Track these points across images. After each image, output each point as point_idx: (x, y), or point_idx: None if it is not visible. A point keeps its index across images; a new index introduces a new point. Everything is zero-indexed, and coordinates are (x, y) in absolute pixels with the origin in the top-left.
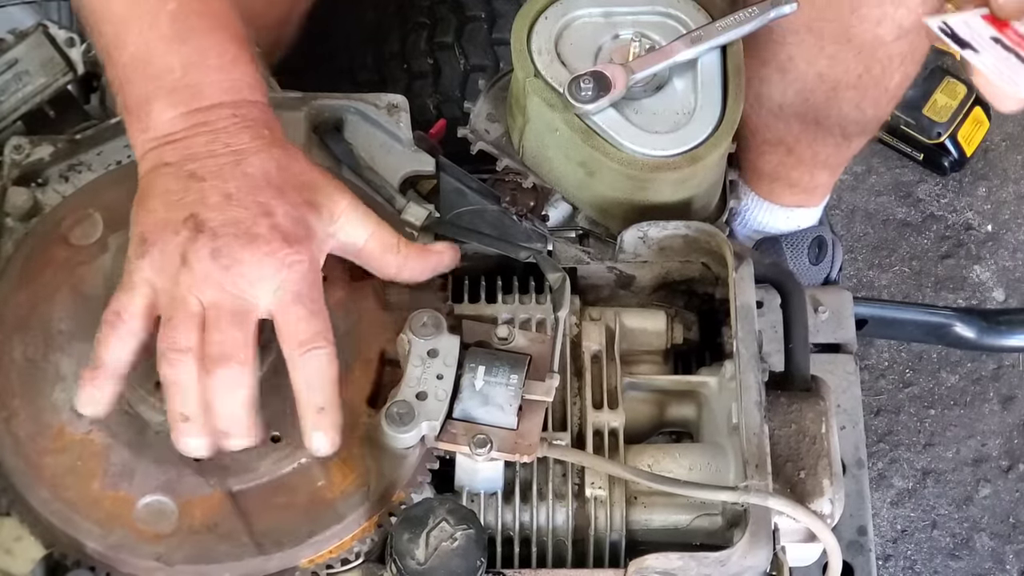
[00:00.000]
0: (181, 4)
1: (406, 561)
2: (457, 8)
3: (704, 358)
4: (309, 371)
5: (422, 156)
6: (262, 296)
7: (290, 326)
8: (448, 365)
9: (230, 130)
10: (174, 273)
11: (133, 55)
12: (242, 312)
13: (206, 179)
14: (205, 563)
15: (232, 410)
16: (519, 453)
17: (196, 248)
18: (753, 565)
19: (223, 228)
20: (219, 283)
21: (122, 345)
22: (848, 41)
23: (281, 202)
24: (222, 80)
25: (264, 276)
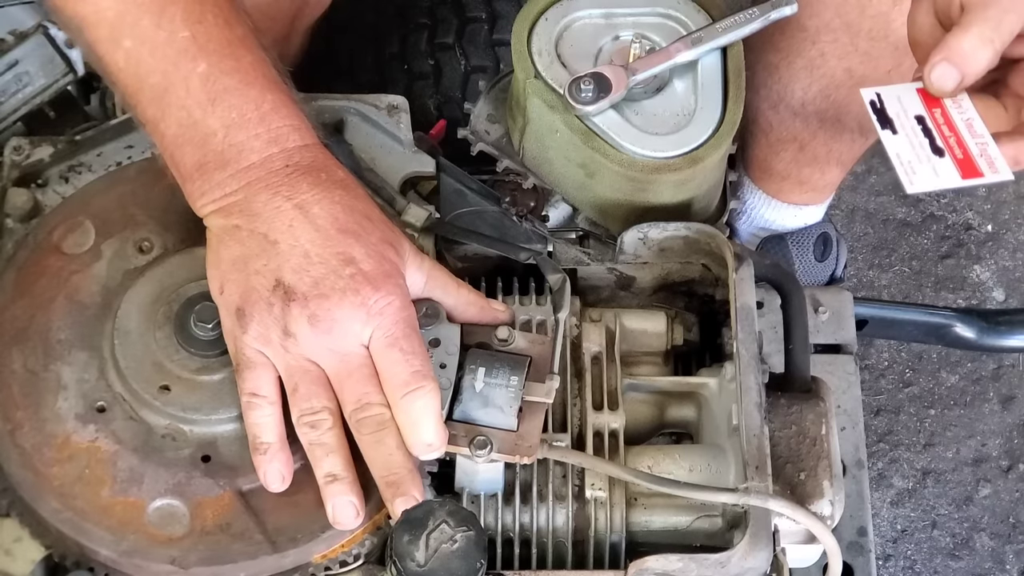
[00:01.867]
0: (211, 64)
1: (406, 563)
2: (458, 9)
3: (704, 359)
4: (413, 412)
5: (422, 157)
6: (366, 341)
7: (388, 371)
8: (451, 354)
9: (287, 182)
10: (281, 344)
11: (176, 125)
12: (359, 362)
13: (279, 241)
14: (220, 564)
15: (388, 453)
16: (519, 454)
17: (293, 318)
18: (753, 566)
19: (312, 291)
20: (327, 347)
21: (272, 419)
22: (886, 37)
23: (359, 246)
24: (264, 133)
25: (362, 325)
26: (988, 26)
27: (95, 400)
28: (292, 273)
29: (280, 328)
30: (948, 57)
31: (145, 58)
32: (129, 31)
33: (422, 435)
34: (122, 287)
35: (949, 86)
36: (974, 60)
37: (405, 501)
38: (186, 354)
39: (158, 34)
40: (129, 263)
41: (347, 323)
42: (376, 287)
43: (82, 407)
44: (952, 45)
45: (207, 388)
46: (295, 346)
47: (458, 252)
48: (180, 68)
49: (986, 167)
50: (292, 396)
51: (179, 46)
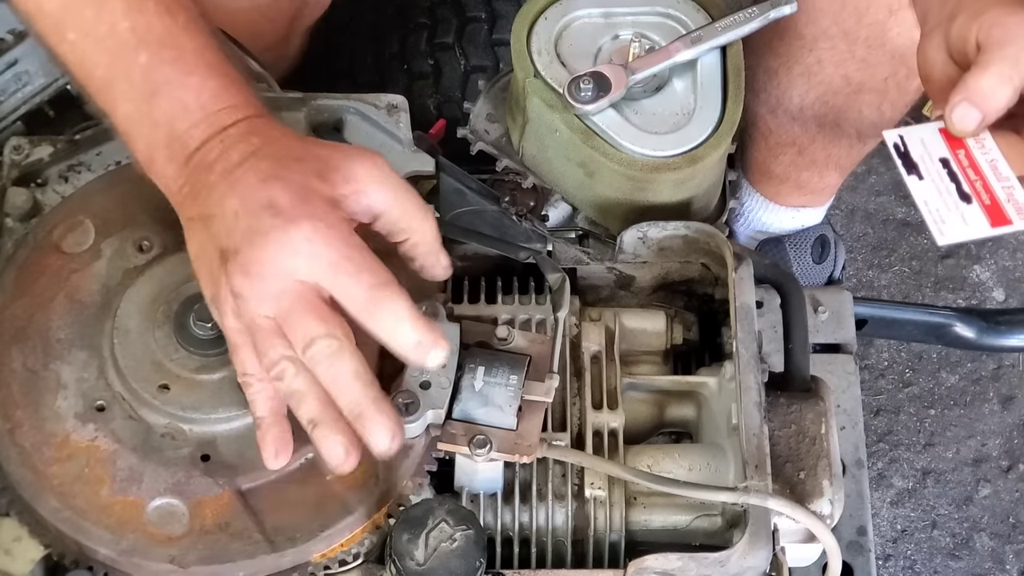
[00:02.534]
0: (151, 55)
1: (405, 562)
2: (457, 9)
3: (704, 358)
4: (384, 322)
5: (422, 156)
6: (304, 274)
7: (343, 297)
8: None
9: (220, 159)
10: (235, 311)
11: (125, 117)
12: (300, 298)
13: (214, 213)
14: (219, 563)
15: (346, 384)
16: (519, 454)
17: (231, 277)
18: (753, 566)
19: (240, 244)
20: (265, 293)
21: (265, 394)
22: (882, 45)
23: (280, 187)
24: (204, 120)
25: (291, 259)
26: (1007, 64)
27: (94, 399)
28: (226, 236)
29: (231, 294)
30: (968, 97)
31: (89, 51)
32: (72, 23)
33: (403, 338)
34: (122, 286)
35: (971, 126)
36: (994, 99)
37: (377, 432)
38: (185, 353)
39: (99, 26)
40: (129, 262)
41: (274, 262)
42: (293, 219)
43: (81, 406)
44: (971, 85)
45: (206, 387)
46: (244, 304)
47: (458, 251)
48: (122, 60)
49: (1014, 214)
50: (257, 357)
51: (120, 38)
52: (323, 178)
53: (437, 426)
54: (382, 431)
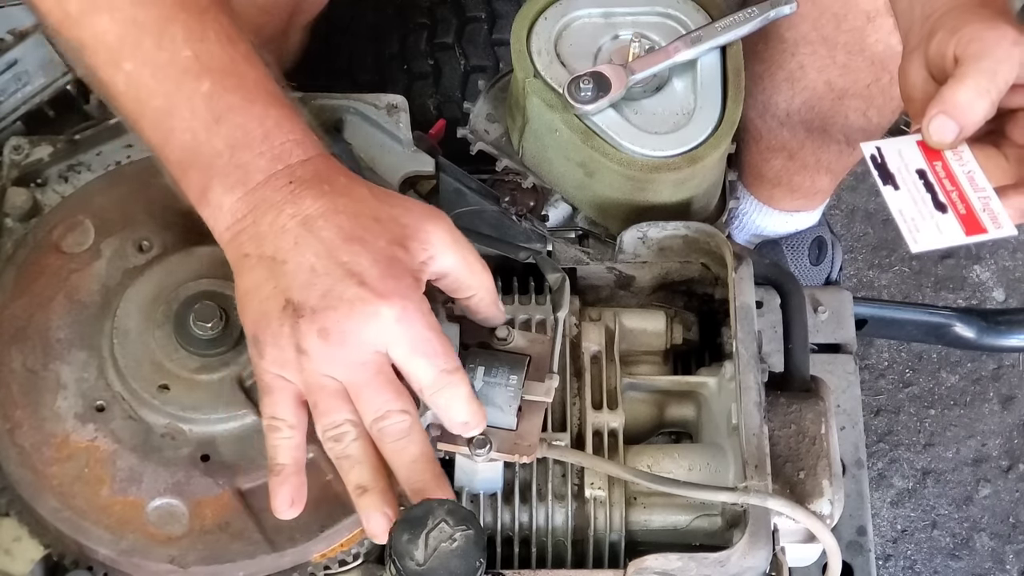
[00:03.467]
0: (214, 83)
1: (405, 562)
2: (457, 9)
3: (704, 358)
4: (442, 402)
5: (422, 156)
6: (384, 346)
7: (415, 377)
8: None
9: (290, 199)
10: (296, 363)
11: (182, 147)
12: (378, 371)
13: (287, 260)
14: (219, 563)
15: (410, 460)
16: (518, 454)
17: (304, 335)
18: (752, 566)
19: (319, 304)
20: (342, 359)
21: (291, 443)
22: (861, 51)
23: (364, 253)
24: (268, 151)
25: (374, 333)
26: (984, 77)
27: (94, 399)
28: (300, 290)
29: (293, 347)
30: (945, 110)
31: (147, 80)
32: (130, 54)
33: (454, 417)
34: (121, 286)
35: (948, 138)
36: (971, 112)
37: None
38: (185, 353)
39: (160, 55)
40: (128, 262)
41: (358, 333)
42: (384, 297)
43: (81, 406)
44: (947, 97)
45: (206, 387)
46: (310, 363)
47: None
48: (183, 89)
49: (989, 222)
50: (314, 413)
51: (182, 66)
52: (404, 246)
53: (437, 426)
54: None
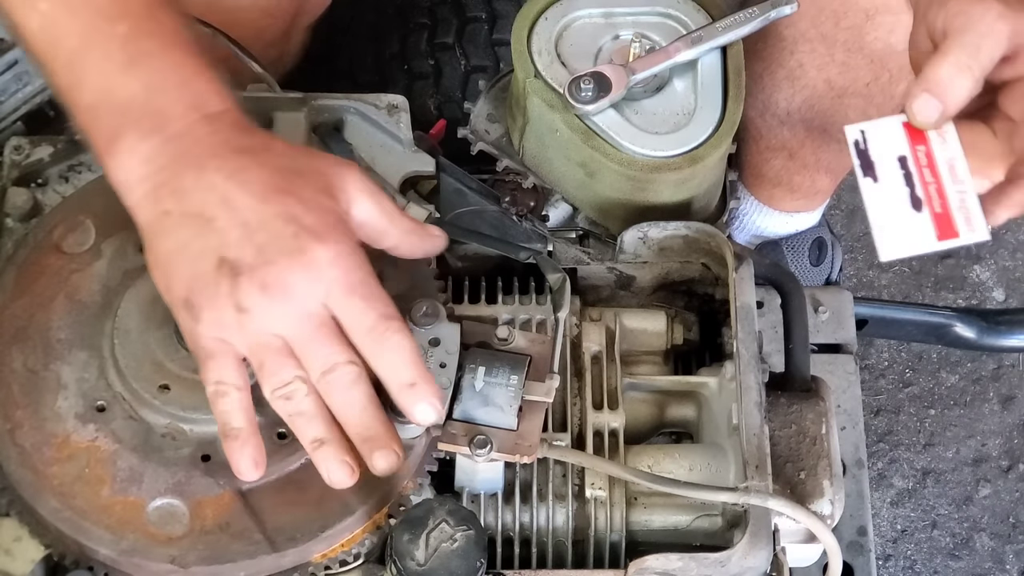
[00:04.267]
0: (132, 26)
1: (406, 562)
2: (458, 9)
3: (704, 359)
4: (386, 355)
5: (422, 156)
6: (324, 295)
7: (351, 321)
8: (450, 353)
9: (214, 152)
10: (236, 324)
11: (93, 91)
12: (322, 323)
13: (216, 216)
14: (219, 563)
15: (360, 410)
16: (519, 454)
17: (244, 293)
18: (753, 566)
19: (258, 260)
20: (285, 313)
21: (239, 404)
22: (860, 50)
23: (296, 203)
24: (187, 96)
25: (315, 283)
26: (965, 53)
27: (95, 399)
28: (234, 247)
29: (233, 307)
30: (928, 88)
31: (62, 20)
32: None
33: (400, 376)
34: (122, 286)
35: (932, 118)
36: (953, 89)
37: (384, 456)
38: (186, 353)
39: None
40: (129, 262)
41: (300, 284)
42: (322, 240)
43: (82, 406)
44: (930, 75)
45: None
46: (251, 321)
47: (458, 251)
48: (99, 30)
49: (963, 224)
50: (260, 373)
51: (97, 6)
52: (329, 194)
53: (437, 426)
54: (391, 455)
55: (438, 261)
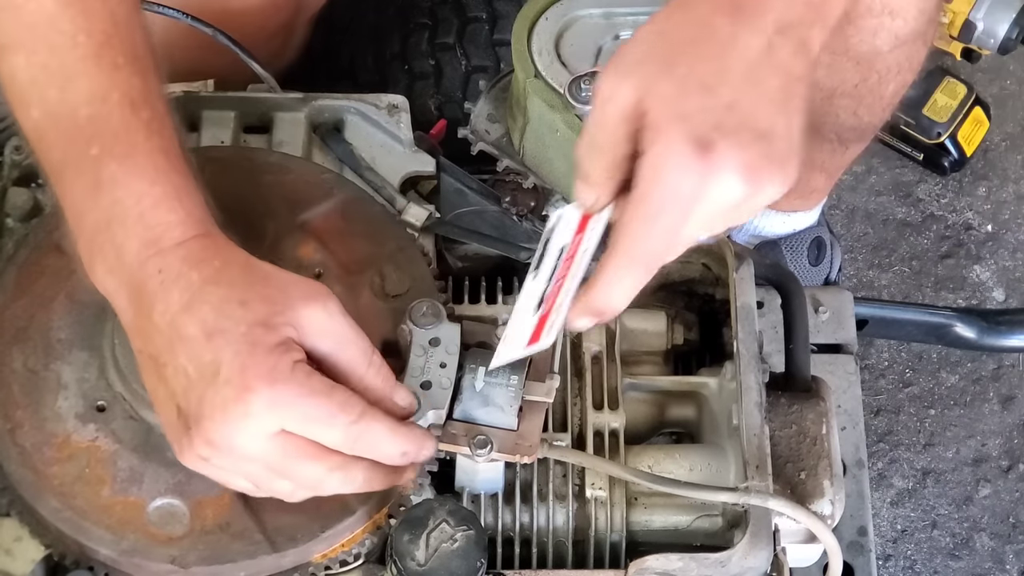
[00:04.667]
0: (103, 148)
1: (406, 562)
2: (458, 9)
3: (704, 359)
4: (367, 451)
5: (422, 157)
6: (274, 428)
7: (320, 438)
8: (451, 353)
9: (160, 293)
10: (207, 466)
11: (71, 209)
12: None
13: (167, 363)
14: (219, 563)
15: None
16: (519, 454)
17: (198, 446)
18: (753, 566)
19: (200, 414)
20: (239, 460)
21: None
22: (845, 52)
23: (225, 347)
24: (142, 232)
25: (256, 427)
26: (635, 264)
27: (95, 399)
28: (183, 397)
29: (196, 456)
30: (588, 311)
31: (48, 131)
32: (37, 100)
33: (389, 455)
34: None
35: (589, 325)
36: (617, 306)
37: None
38: None
39: (61, 108)
40: None
41: (242, 435)
42: (249, 387)
43: (82, 406)
44: (592, 299)
45: None
46: (219, 464)
47: (458, 252)
48: (76, 147)
49: (547, 329)
50: (255, 493)
51: (78, 124)
52: (267, 325)
53: (438, 426)
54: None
55: (438, 261)
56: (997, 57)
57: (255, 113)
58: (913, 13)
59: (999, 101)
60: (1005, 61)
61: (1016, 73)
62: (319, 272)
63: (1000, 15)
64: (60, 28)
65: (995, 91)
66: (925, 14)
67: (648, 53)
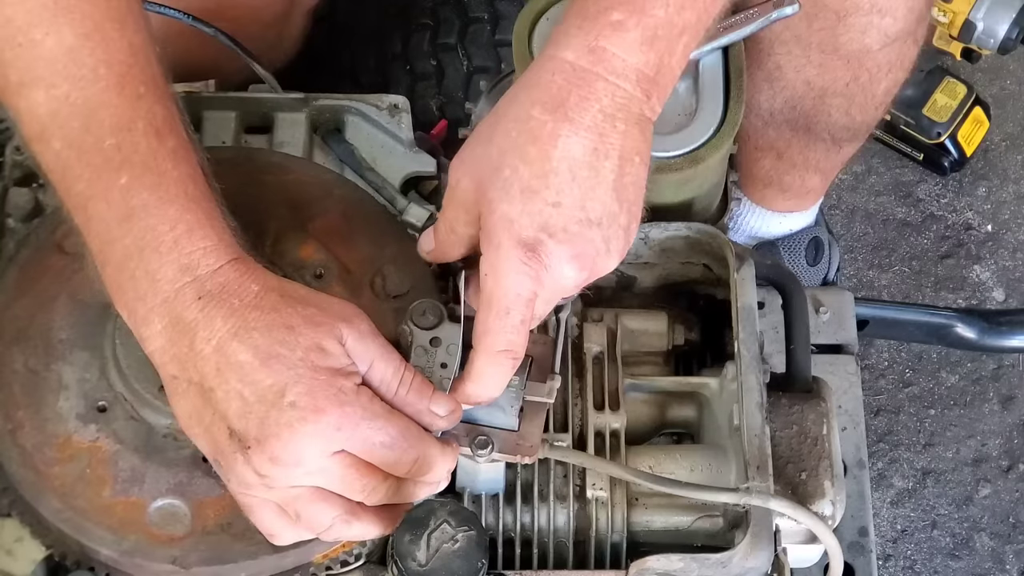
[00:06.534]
0: (133, 177)
1: (407, 563)
2: (460, 9)
3: (705, 359)
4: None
5: (423, 157)
6: (337, 451)
7: (384, 464)
8: (451, 354)
9: (202, 320)
10: (262, 485)
11: (98, 239)
12: (341, 471)
13: (215, 388)
14: (221, 563)
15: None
16: (520, 454)
17: (258, 464)
18: (754, 566)
19: (261, 434)
20: (302, 474)
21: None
22: (835, 50)
23: (286, 371)
24: (177, 259)
25: (322, 445)
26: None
27: (96, 400)
28: (237, 419)
29: (252, 473)
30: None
31: (72, 163)
32: (59, 133)
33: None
34: None
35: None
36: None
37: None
38: None
39: (85, 139)
40: None
41: (309, 450)
42: (319, 409)
43: (83, 407)
44: (467, 390)
45: None
46: (275, 482)
47: None
48: (102, 178)
49: None
50: (297, 526)
51: (104, 154)
52: (322, 350)
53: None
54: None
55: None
56: (997, 57)
57: (256, 113)
58: (902, 11)
59: (999, 101)
60: (1005, 61)
61: (1016, 73)
62: (320, 273)
63: (1000, 15)
64: (80, 61)
65: (995, 91)
66: (914, 12)
67: (482, 154)
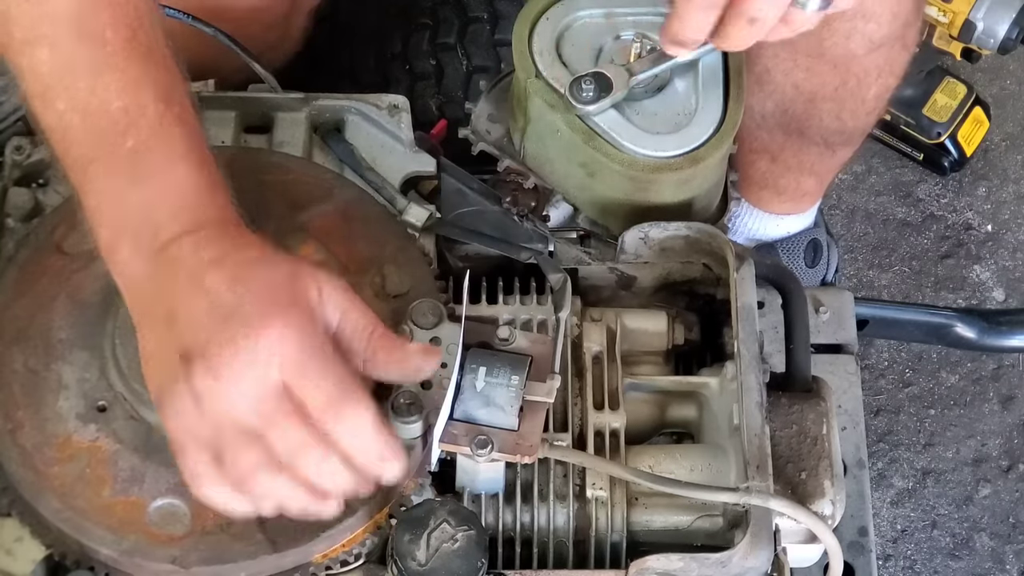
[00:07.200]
0: (139, 141)
1: (407, 562)
2: (459, 9)
3: (705, 359)
4: (343, 437)
5: (423, 157)
6: (274, 379)
7: (306, 398)
8: (451, 353)
9: (190, 259)
10: (194, 414)
11: (97, 197)
12: (274, 405)
13: (180, 314)
14: (220, 563)
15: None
16: (520, 454)
17: (198, 379)
18: (754, 566)
19: (207, 348)
20: (237, 396)
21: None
22: (821, 55)
23: (248, 293)
24: (182, 214)
25: (263, 365)
26: None
27: (96, 399)
28: (191, 336)
29: (190, 397)
30: None
31: (75, 124)
32: (63, 93)
33: (363, 454)
34: None
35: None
36: None
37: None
38: None
39: (91, 101)
40: None
41: (247, 367)
42: (266, 322)
43: (83, 406)
44: None
45: None
46: (210, 404)
47: (459, 252)
48: (108, 141)
49: None
50: (220, 467)
51: (111, 117)
52: (290, 287)
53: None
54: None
55: (439, 261)
56: (997, 57)
57: (256, 113)
58: (887, 17)
59: (999, 101)
60: (1005, 61)
61: (1016, 73)
62: None
63: (1000, 15)
64: (86, 21)
65: (995, 91)
66: (900, 18)
67: None
